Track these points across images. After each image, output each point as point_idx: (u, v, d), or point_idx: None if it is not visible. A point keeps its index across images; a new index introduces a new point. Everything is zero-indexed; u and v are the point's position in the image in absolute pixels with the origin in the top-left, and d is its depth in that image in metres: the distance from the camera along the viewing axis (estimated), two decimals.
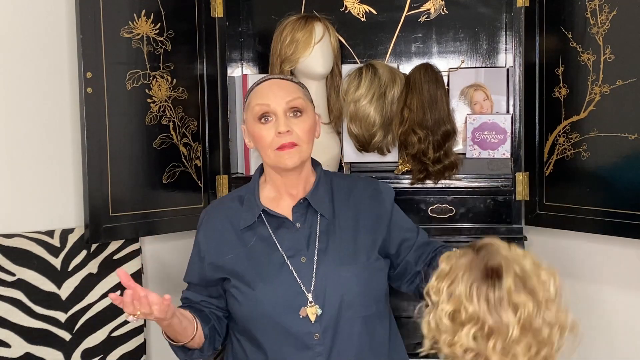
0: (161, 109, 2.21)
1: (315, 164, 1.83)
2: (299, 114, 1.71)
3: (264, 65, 2.54)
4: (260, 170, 1.84)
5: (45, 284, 2.03)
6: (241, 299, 1.74)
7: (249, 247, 1.75)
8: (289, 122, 1.69)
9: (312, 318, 1.68)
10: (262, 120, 1.70)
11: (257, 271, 1.73)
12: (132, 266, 2.18)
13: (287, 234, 1.75)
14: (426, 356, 1.26)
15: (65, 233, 2.09)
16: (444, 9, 2.48)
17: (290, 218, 1.75)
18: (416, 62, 2.45)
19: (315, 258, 1.72)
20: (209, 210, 1.88)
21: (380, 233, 1.79)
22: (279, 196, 1.78)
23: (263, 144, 1.71)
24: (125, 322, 2.16)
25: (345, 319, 1.70)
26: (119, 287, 2.16)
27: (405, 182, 2.28)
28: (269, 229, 1.75)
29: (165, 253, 2.40)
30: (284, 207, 1.77)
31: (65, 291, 2.06)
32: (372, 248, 1.77)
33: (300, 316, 1.68)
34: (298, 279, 1.70)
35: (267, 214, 1.76)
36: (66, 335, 2.06)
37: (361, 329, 1.72)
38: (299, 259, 1.72)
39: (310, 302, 1.69)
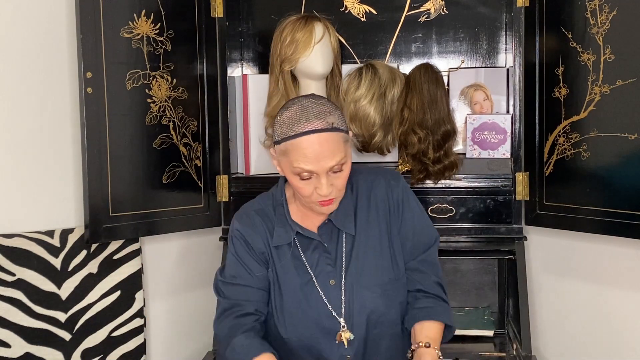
0: (161, 109, 2.21)
1: None
2: (339, 168, 1.65)
3: (264, 65, 2.54)
4: (285, 181, 1.80)
5: (45, 284, 2.03)
6: (275, 316, 1.77)
7: (282, 263, 1.77)
8: (330, 180, 1.64)
9: (346, 343, 1.72)
10: (302, 178, 1.65)
11: (289, 291, 1.75)
12: (132, 266, 2.18)
13: (315, 255, 1.76)
14: None
15: (65, 233, 2.09)
16: (444, 9, 2.48)
17: (317, 236, 1.77)
18: (416, 62, 2.45)
19: (343, 281, 1.74)
20: (243, 216, 1.82)
21: (397, 243, 1.80)
22: (307, 214, 1.78)
23: (303, 194, 1.68)
24: (126, 322, 2.16)
25: (372, 336, 1.74)
26: (119, 287, 2.16)
27: (406, 182, 2.28)
28: (299, 249, 1.77)
29: (165, 253, 2.40)
30: (311, 226, 1.78)
31: (65, 291, 2.06)
32: (395, 260, 1.78)
33: (337, 342, 1.72)
34: (328, 304, 1.73)
35: (299, 235, 1.77)
36: (66, 335, 2.06)
37: (389, 344, 1.77)
38: (328, 281, 1.75)
39: (343, 327, 1.72)
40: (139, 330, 2.20)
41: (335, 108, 1.69)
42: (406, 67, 2.47)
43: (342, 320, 1.73)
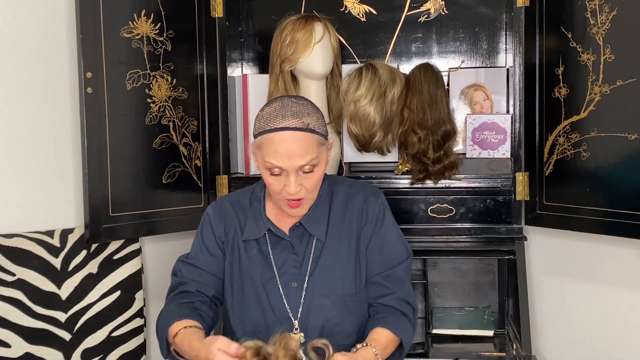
0: (161, 109, 2.21)
1: None
2: (310, 168, 1.66)
3: (264, 65, 2.54)
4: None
5: (45, 284, 2.03)
6: (230, 309, 1.79)
7: (248, 256, 1.78)
8: (299, 179, 1.66)
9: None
10: (272, 173, 1.66)
11: (250, 285, 1.77)
12: (132, 266, 2.18)
13: (283, 254, 1.77)
14: None
15: (65, 233, 2.09)
16: (444, 9, 2.48)
17: (288, 237, 1.78)
18: (416, 62, 2.45)
19: (305, 285, 1.75)
20: (217, 204, 1.88)
21: (364, 258, 1.79)
22: (281, 214, 1.79)
23: (273, 190, 1.69)
24: (126, 322, 2.16)
25: None
26: (119, 287, 2.16)
27: (405, 182, 2.28)
28: (268, 246, 1.78)
29: (165, 253, 2.39)
30: (284, 226, 1.79)
31: (65, 291, 2.06)
32: (360, 274, 1.78)
33: None
34: (286, 304, 1.74)
35: (270, 232, 1.78)
36: (66, 335, 2.06)
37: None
38: (291, 283, 1.76)
39: (296, 329, 1.73)
40: (139, 330, 2.20)
41: (315, 111, 1.70)
42: (406, 67, 2.47)
43: (296, 322, 1.73)
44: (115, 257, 2.16)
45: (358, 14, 2.52)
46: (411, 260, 1.85)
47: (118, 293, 2.15)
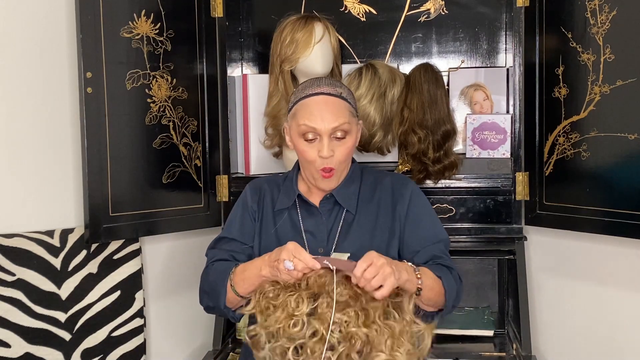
0: (161, 109, 2.21)
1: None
2: (343, 135, 1.73)
3: (264, 65, 2.55)
4: (299, 167, 1.88)
5: (45, 284, 2.03)
6: None
7: (277, 227, 1.81)
8: (332, 145, 1.72)
9: None
10: (306, 138, 1.73)
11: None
12: (132, 266, 2.18)
13: (313, 223, 1.81)
14: None
15: (65, 233, 2.09)
16: (444, 9, 2.48)
17: (318, 207, 1.81)
18: (416, 62, 2.45)
19: (332, 252, 1.76)
20: (255, 181, 1.94)
21: (397, 234, 1.80)
22: (312, 190, 1.83)
23: (306, 158, 1.75)
24: (126, 322, 2.16)
25: None
26: (119, 287, 2.16)
27: None
28: (299, 215, 1.82)
29: (165, 253, 2.40)
30: (315, 199, 1.83)
31: (65, 291, 2.06)
32: (387, 248, 1.78)
33: None
34: None
35: (301, 199, 1.82)
36: (66, 335, 2.06)
37: None
38: (317, 249, 1.77)
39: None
40: (139, 330, 2.20)
41: (348, 89, 1.81)
42: (406, 67, 2.47)
43: None
44: (115, 257, 2.16)
45: (358, 14, 2.52)
46: (449, 242, 1.84)
47: (118, 293, 2.15)
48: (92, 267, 2.11)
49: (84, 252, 2.10)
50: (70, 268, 2.07)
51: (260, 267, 1.61)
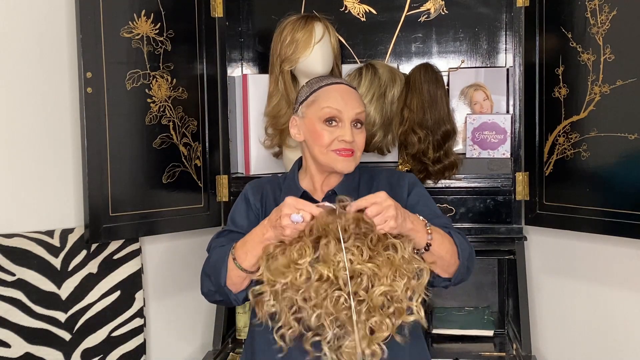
0: (161, 109, 2.21)
1: None
2: (360, 125, 1.78)
3: (264, 65, 2.55)
4: (299, 164, 1.89)
5: (45, 284, 2.03)
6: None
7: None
8: (353, 132, 1.75)
9: None
10: (328, 122, 1.75)
11: None
12: (132, 266, 2.18)
13: None
14: None
15: (65, 233, 2.09)
16: (444, 9, 2.48)
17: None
18: (416, 62, 2.45)
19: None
20: (255, 181, 1.93)
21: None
22: (316, 187, 1.84)
23: (322, 142, 1.76)
24: (126, 322, 2.16)
25: None
26: (119, 287, 2.16)
27: None
28: None
29: (165, 253, 2.40)
30: (317, 196, 1.83)
31: (65, 291, 2.06)
32: None
33: None
34: None
35: (305, 197, 1.80)
36: (66, 335, 2.06)
37: None
38: None
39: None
40: (139, 330, 2.20)
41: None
42: (406, 67, 2.47)
43: None
44: (115, 257, 2.16)
45: (358, 14, 2.52)
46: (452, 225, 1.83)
47: (118, 293, 2.15)
48: (92, 267, 2.11)
49: (84, 252, 2.10)
50: (70, 268, 2.08)
51: (261, 232, 1.60)
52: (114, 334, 2.14)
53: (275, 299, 1.49)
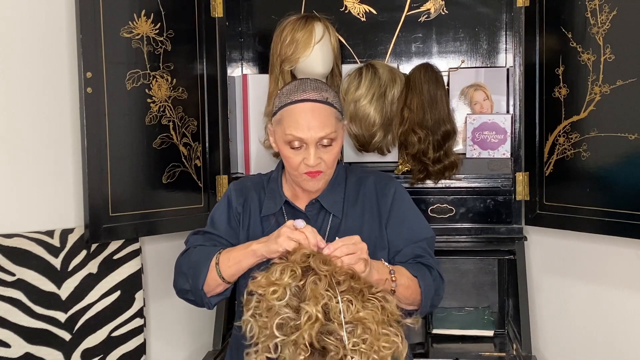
0: (161, 109, 2.21)
1: None
2: (328, 141, 1.70)
3: (264, 65, 2.55)
4: (282, 165, 1.86)
5: (45, 284, 2.03)
6: (242, 282, 1.75)
7: (267, 231, 1.78)
8: (318, 152, 1.69)
9: None
10: (292, 146, 1.70)
11: None
12: (132, 266, 2.18)
13: None
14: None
15: (65, 233, 2.09)
16: (444, 9, 2.48)
17: (304, 212, 1.80)
18: (416, 62, 2.45)
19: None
20: (239, 182, 1.90)
21: (383, 233, 1.80)
22: (297, 194, 1.82)
23: (289, 165, 1.73)
24: (126, 322, 2.16)
25: None
26: (119, 287, 2.16)
27: (405, 182, 2.28)
28: (285, 220, 1.78)
29: (165, 253, 2.39)
30: (300, 204, 1.82)
31: (65, 291, 2.06)
32: (374, 249, 1.76)
33: None
34: None
35: (288, 205, 1.81)
36: (66, 335, 2.06)
37: None
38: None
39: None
40: (139, 330, 2.19)
41: (333, 90, 1.77)
42: (406, 67, 2.47)
43: None
44: (115, 257, 2.16)
45: (358, 14, 2.52)
46: (434, 239, 1.84)
47: (118, 293, 2.15)
48: (92, 267, 2.11)
49: (84, 252, 2.10)
50: (70, 268, 2.07)
51: (250, 244, 1.61)
52: (114, 334, 2.14)
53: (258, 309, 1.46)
